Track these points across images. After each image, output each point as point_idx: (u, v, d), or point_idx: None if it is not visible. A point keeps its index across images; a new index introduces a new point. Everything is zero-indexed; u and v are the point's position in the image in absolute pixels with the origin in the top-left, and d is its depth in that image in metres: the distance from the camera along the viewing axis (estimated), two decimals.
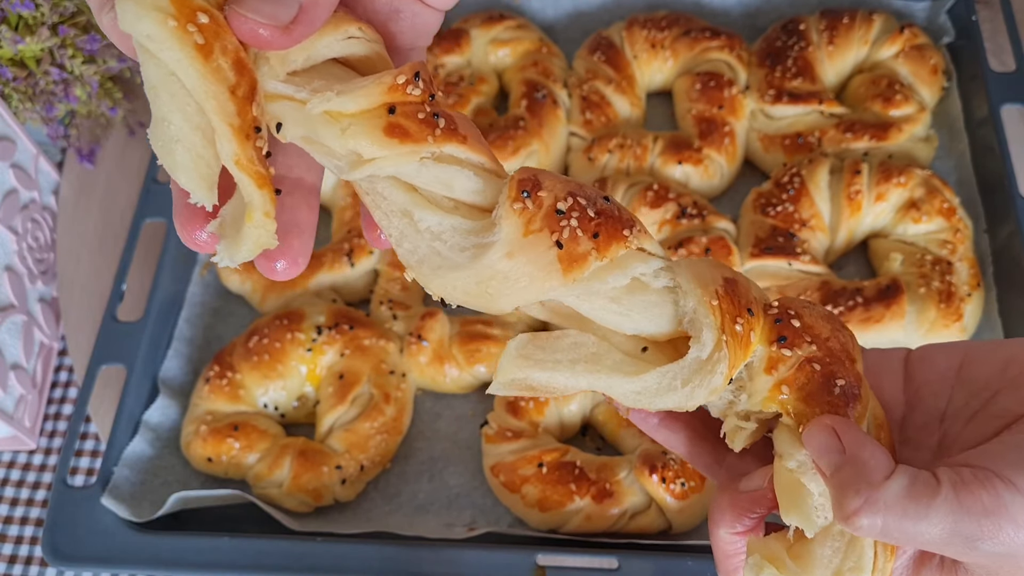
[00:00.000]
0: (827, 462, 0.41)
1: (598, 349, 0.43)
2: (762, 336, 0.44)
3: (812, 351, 0.43)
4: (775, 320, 0.44)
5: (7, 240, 0.86)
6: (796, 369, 0.43)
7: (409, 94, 0.38)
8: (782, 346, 0.43)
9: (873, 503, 0.39)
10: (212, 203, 0.38)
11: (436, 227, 0.40)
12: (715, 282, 0.42)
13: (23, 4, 0.88)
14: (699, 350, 0.41)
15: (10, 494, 0.85)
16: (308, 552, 0.69)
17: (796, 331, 0.44)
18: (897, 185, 0.82)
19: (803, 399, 0.43)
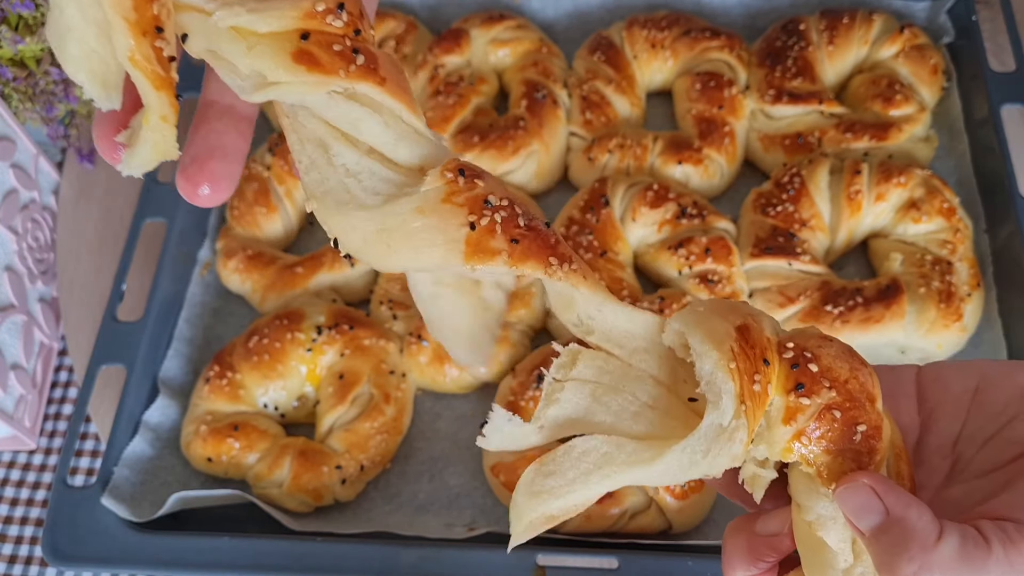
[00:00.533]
0: (867, 524, 0.40)
1: (608, 447, 0.42)
2: (779, 385, 0.42)
3: (831, 397, 0.42)
4: (791, 365, 0.42)
5: (7, 240, 0.86)
6: (816, 418, 0.41)
7: (329, 24, 0.37)
8: (800, 394, 0.41)
9: (928, 567, 0.38)
10: (109, 104, 0.37)
11: (353, 166, 0.39)
12: (729, 337, 0.41)
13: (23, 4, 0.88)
14: (718, 417, 0.40)
15: (10, 494, 0.85)
16: (308, 552, 0.69)
17: (814, 376, 0.42)
18: (897, 185, 0.82)
19: (825, 449, 0.41)
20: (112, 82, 0.36)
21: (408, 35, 0.99)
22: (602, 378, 0.43)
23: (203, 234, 0.90)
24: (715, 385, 0.40)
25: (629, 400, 0.43)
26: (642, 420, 0.42)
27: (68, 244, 0.94)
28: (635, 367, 0.43)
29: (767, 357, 0.41)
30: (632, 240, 0.85)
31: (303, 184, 0.40)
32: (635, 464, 0.41)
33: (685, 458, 0.40)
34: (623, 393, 0.43)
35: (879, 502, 0.40)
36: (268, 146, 0.91)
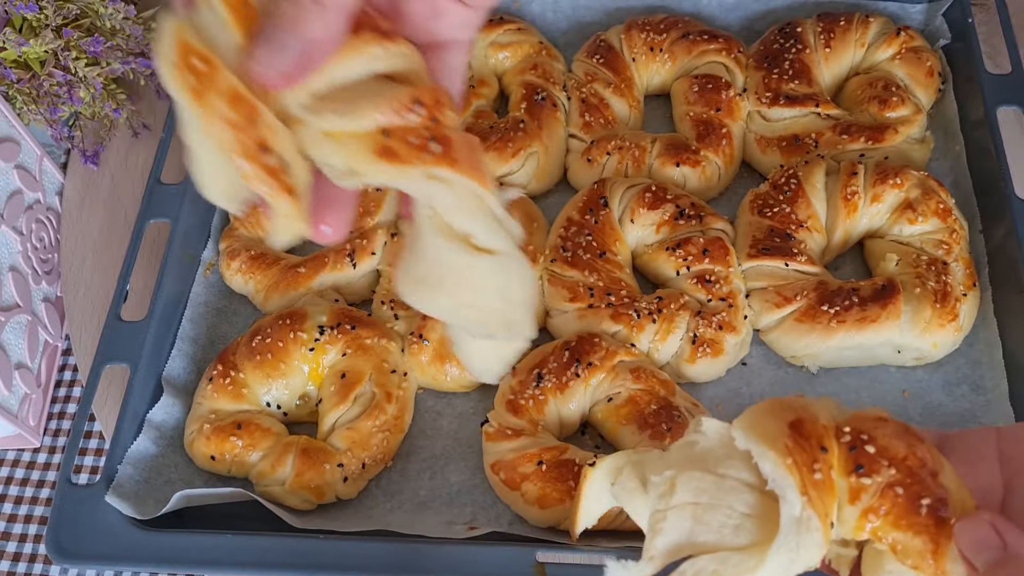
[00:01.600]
0: (985, 559, 0.41)
1: (715, 565, 0.44)
2: (840, 469, 0.44)
3: (892, 475, 0.43)
4: (849, 448, 0.44)
5: (12, 241, 0.87)
6: (879, 496, 0.43)
7: (407, 119, 0.43)
8: (860, 475, 0.44)
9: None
10: (236, 210, 0.46)
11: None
12: (783, 434, 0.43)
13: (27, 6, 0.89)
14: (790, 510, 0.42)
15: (15, 492, 0.86)
16: (310, 549, 0.69)
17: (872, 457, 0.44)
18: (893, 186, 0.83)
19: (893, 524, 0.43)
20: (235, 195, 0.45)
21: None
22: (700, 497, 0.45)
23: (207, 235, 0.91)
24: (778, 482, 0.43)
25: (727, 513, 0.45)
26: (743, 531, 0.44)
27: (72, 244, 0.95)
28: (728, 478, 0.45)
29: (824, 444, 0.44)
30: (631, 241, 0.85)
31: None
32: (743, 573, 0.43)
33: (783, 557, 0.42)
34: (721, 508, 0.45)
35: (998, 538, 0.41)
36: None
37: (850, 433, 0.45)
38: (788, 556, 0.42)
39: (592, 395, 0.76)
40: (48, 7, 0.91)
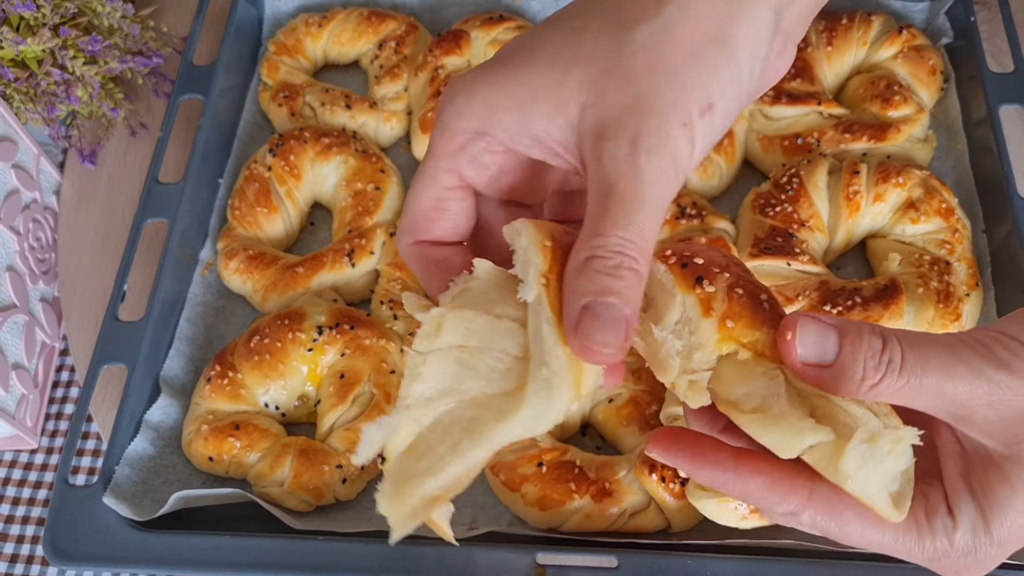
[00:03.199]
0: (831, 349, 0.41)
1: (474, 411, 0.39)
2: (683, 286, 0.43)
3: (727, 279, 0.43)
4: (681, 265, 0.44)
5: (9, 240, 0.86)
6: (727, 301, 0.43)
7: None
8: (703, 285, 0.43)
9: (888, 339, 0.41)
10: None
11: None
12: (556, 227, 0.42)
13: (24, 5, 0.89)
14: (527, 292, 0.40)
15: (12, 493, 0.85)
16: (309, 551, 0.69)
17: (704, 267, 0.44)
18: (895, 185, 0.82)
19: (748, 324, 0.43)
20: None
21: (408, 36, 0.99)
22: (469, 340, 0.40)
23: (204, 234, 0.90)
24: (524, 263, 0.39)
25: (498, 357, 0.40)
26: (513, 375, 0.40)
27: (70, 244, 0.94)
28: (504, 319, 0.41)
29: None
30: None
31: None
32: (503, 418, 0.38)
33: (541, 388, 0.38)
34: (492, 351, 0.40)
35: (829, 327, 0.42)
36: (269, 146, 0.91)
37: (673, 253, 0.45)
38: (547, 386, 0.38)
39: (592, 396, 0.76)
40: (45, 6, 0.90)
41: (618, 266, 0.39)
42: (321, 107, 0.95)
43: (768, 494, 0.44)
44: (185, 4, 1.10)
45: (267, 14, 1.05)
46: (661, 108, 0.39)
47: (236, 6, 0.99)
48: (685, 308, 0.44)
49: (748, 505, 0.65)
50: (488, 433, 0.39)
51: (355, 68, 1.04)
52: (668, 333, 0.44)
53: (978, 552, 0.43)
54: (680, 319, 0.44)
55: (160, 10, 1.09)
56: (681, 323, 0.44)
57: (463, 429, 0.39)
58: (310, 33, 1.01)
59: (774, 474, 0.44)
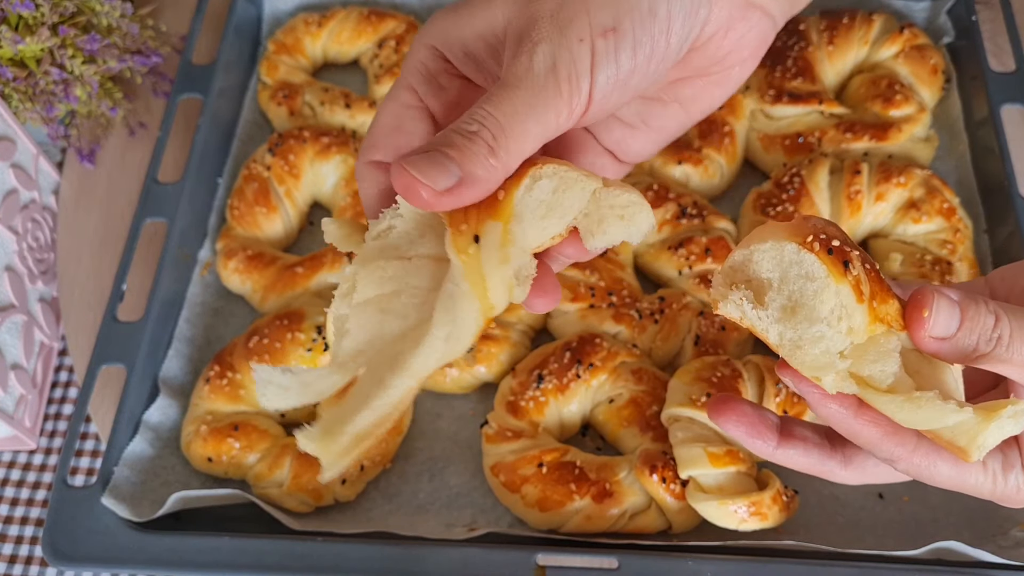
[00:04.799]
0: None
1: (398, 346, 0.41)
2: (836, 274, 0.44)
3: (857, 255, 0.45)
4: (827, 251, 0.44)
5: (7, 240, 0.86)
6: (868, 281, 0.44)
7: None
8: (849, 270, 0.44)
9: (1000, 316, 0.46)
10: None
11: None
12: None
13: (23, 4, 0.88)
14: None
15: (10, 494, 0.85)
16: (308, 552, 0.69)
17: (842, 249, 0.44)
18: (897, 185, 0.82)
19: (882, 301, 0.44)
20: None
21: (408, 35, 0.99)
22: (384, 287, 0.42)
23: (203, 234, 0.90)
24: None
25: (412, 293, 0.42)
26: (428, 306, 0.41)
27: (68, 244, 0.94)
28: (416, 257, 0.42)
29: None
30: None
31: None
32: (418, 344, 0.40)
33: (444, 304, 0.39)
34: (407, 291, 0.42)
35: (955, 303, 0.45)
36: (268, 146, 0.91)
37: (814, 238, 0.45)
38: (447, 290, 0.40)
39: (593, 396, 0.76)
40: (44, 5, 0.90)
41: (474, 132, 0.40)
42: (320, 106, 0.95)
43: (881, 441, 0.48)
44: (184, 3, 1.09)
45: (266, 13, 1.05)
46: (566, 22, 0.41)
47: (235, 5, 0.98)
48: (839, 297, 0.43)
49: (747, 508, 0.65)
50: (408, 362, 0.40)
51: (354, 67, 1.04)
52: (823, 326, 0.44)
53: None
54: (832, 308, 0.43)
55: (159, 9, 1.09)
56: (833, 312, 0.44)
57: (387, 366, 0.40)
58: (309, 32, 1.00)
59: (887, 427, 0.48)
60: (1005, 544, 0.69)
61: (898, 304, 0.46)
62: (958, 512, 0.73)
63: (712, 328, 0.77)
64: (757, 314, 0.45)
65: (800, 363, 0.45)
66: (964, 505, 0.73)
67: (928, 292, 0.45)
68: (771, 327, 0.45)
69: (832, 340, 0.44)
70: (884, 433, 0.48)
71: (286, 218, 0.90)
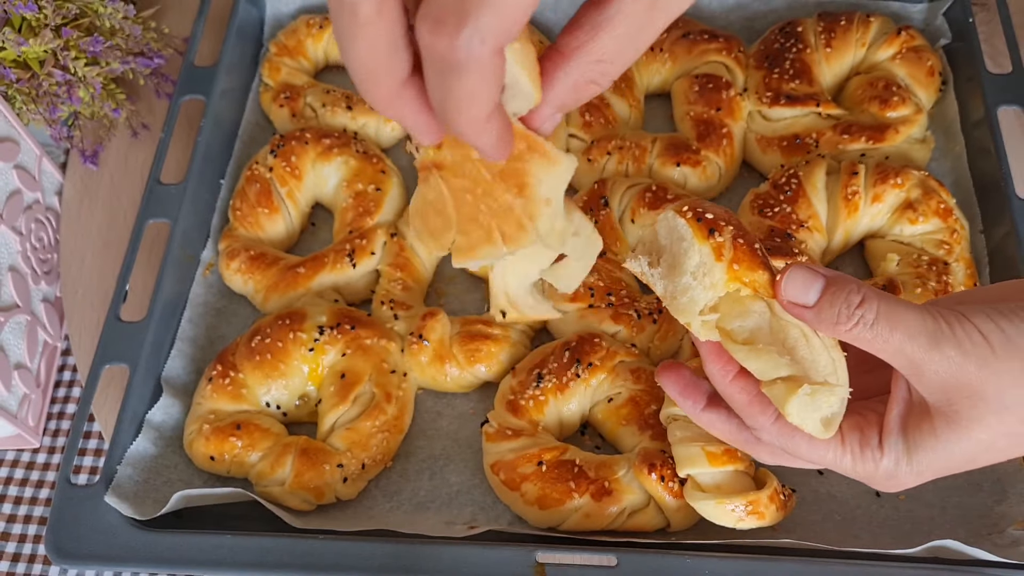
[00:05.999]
0: (815, 292, 0.53)
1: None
2: (699, 237, 0.55)
3: (731, 230, 0.55)
4: (696, 220, 0.55)
5: (11, 241, 0.86)
6: (733, 249, 0.54)
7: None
8: (714, 236, 0.54)
9: (868, 299, 0.51)
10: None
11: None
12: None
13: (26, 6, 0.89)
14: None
15: (14, 493, 0.86)
16: (310, 550, 0.69)
17: (714, 221, 0.55)
18: (894, 186, 0.83)
19: (748, 267, 0.54)
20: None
21: None
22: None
23: (206, 235, 0.91)
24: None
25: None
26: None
27: (72, 244, 0.95)
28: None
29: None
30: (631, 241, 0.85)
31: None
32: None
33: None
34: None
35: (818, 275, 0.53)
36: (270, 147, 0.91)
37: (689, 208, 0.56)
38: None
39: (592, 395, 0.76)
40: (47, 7, 0.91)
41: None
42: (322, 108, 0.95)
43: (747, 406, 0.57)
44: (186, 5, 1.10)
45: (268, 15, 1.06)
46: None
47: (237, 7, 0.99)
48: (701, 255, 0.54)
49: (745, 507, 0.66)
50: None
51: None
52: (689, 278, 0.55)
53: (898, 476, 0.54)
54: (697, 264, 0.55)
55: (161, 11, 1.09)
56: (697, 268, 0.55)
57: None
58: (311, 34, 1.01)
59: (754, 394, 0.56)
60: (1001, 543, 0.70)
61: (769, 276, 0.55)
62: (954, 510, 0.73)
63: None
64: (650, 272, 0.58)
65: (675, 310, 0.56)
66: (960, 504, 0.73)
67: (791, 264, 0.54)
68: (658, 282, 0.57)
69: (696, 292, 0.55)
70: (750, 399, 0.56)
71: (288, 219, 0.90)
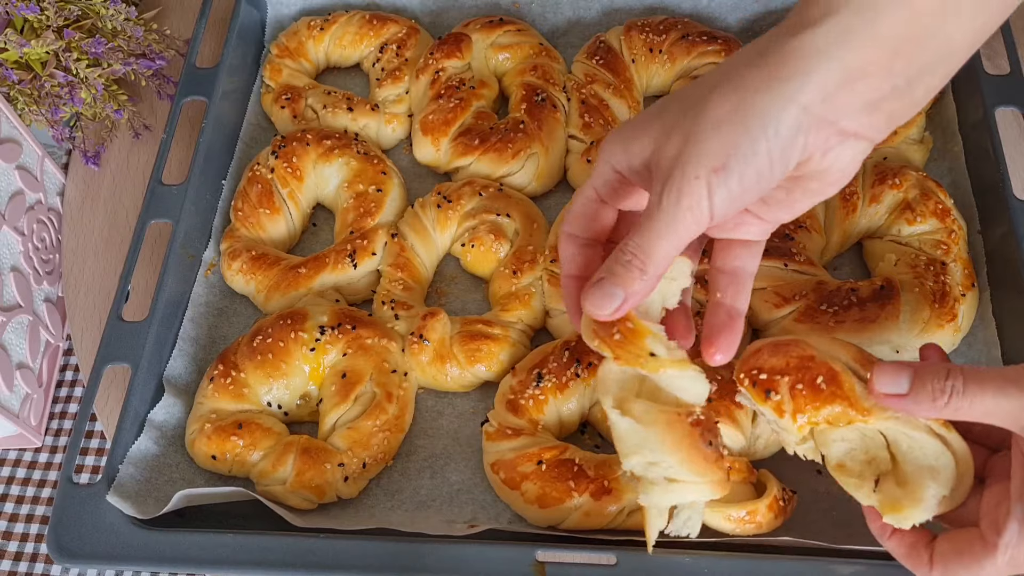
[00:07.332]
0: (905, 382, 0.56)
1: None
2: (760, 401, 0.61)
3: (787, 381, 0.60)
4: (752, 384, 0.61)
5: (13, 241, 0.87)
6: (792, 400, 0.60)
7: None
8: (770, 397, 0.60)
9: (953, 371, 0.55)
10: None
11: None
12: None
13: (28, 7, 0.89)
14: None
15: (16, 492, 0.86)
16: (311, 548, 0.69)
17: (768, 380, 0.61)
18: (892, 187, 0.83)
19: (815, 409, 0.59)
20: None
21: (410, 39, 1.00)
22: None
23: (208, 235, 0.91)
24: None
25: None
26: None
27: (73, 245, 0.95)
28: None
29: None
30: None
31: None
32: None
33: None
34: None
35: (904, 366, 0.56)
36: (271, 148, 0.92)
37: (746, 375, 0.62)
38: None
39: (592, 395, 0.77)
40: (49, 8, 0.91)
41: (628, 261, 0.56)
42: (323, 109, 0.96)
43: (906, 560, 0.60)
44: (188, 7, 1.10)
45: (270, 17, 1.06)
46: (684, 163, 0.52)
47: (239, 9, 0.99)
48: (768, 414, 0.61)
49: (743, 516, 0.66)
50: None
51: (357, 71, 1.05)
52: (764, 429, 0.69)
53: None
54: (771, 420, 0.62)
55: (163, 13, 1.10)
56: (773, 422, 0.62)
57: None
58: (312, 36, 1.01)
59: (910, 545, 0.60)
60: None
61: (845, 402, 0.59)
62: None
63: None
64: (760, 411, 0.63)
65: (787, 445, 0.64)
66: None
67: (877, 366, 0.57)
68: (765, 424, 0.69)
69: (783, 436, 0.63)
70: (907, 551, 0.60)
71: (289, 219, 0.91)
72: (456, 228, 0.88)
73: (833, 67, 0.50)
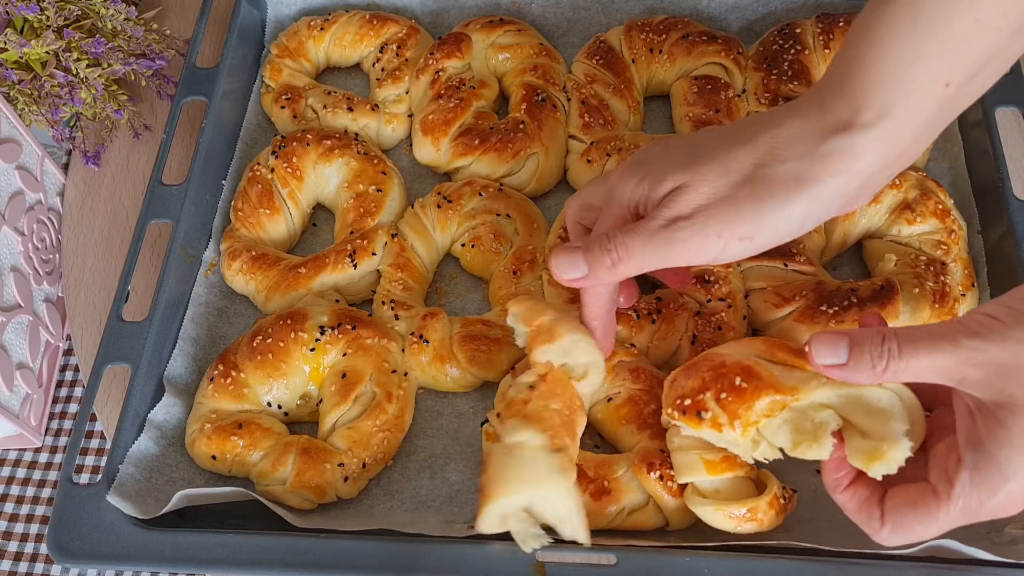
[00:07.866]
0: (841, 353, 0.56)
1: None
2: (694, 426, 0.65)
3: (710, 396, 0.63)
4: (683, 413, 0.65)
5: (13, 241, 0.87)
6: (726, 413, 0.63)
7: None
8: (703, 418, 0.64)
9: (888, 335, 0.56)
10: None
11: None
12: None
13: (28, 7, 0.89)
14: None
15: (16, 492, 0.86)
16: (311, 548, 0.69)
17: (694, 405, 0.65)
18: (891, 187, 0.83)
19: (748, 408, 0.62)
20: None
21: (410, 39, 1.00)
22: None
23: (208, 235, 0.91)
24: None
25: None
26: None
27: (73, 245, 0.95)
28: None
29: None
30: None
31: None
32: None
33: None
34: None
35: (839, 335, 0.57)
36: (271, 148, 0.92)
37: (673, 407, 0.66)
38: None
39: (591, 395, 0.77)
40: (49, 8, 0.91)
41: (608, 250, 0.60)
42: (323, 109, 0.96)
43: (857, 515, 0.61)
44: (188, 7, 1.10)
45: (270, 17, 1.06)
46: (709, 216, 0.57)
47: (239, 9, 1.00)
48: (710, 438, 0.65)
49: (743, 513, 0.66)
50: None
51: (357, 71, 1.05)
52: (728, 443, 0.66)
53: (994, 488, 0.54)
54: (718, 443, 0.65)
55: (163, 12, 1.10)
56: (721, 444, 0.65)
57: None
58: (312, 36, 1.01)
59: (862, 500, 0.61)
60: (999, 541, 0.70)
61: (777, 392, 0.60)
62: None
63: (708, 328, 0.78)
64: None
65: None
66: None
67: (812, 337, 0.58)
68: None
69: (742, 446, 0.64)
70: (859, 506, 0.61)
71: (289, 220, 0.91)
72: (456, 228, 0.88)
73: (872, 161, 0.55)
